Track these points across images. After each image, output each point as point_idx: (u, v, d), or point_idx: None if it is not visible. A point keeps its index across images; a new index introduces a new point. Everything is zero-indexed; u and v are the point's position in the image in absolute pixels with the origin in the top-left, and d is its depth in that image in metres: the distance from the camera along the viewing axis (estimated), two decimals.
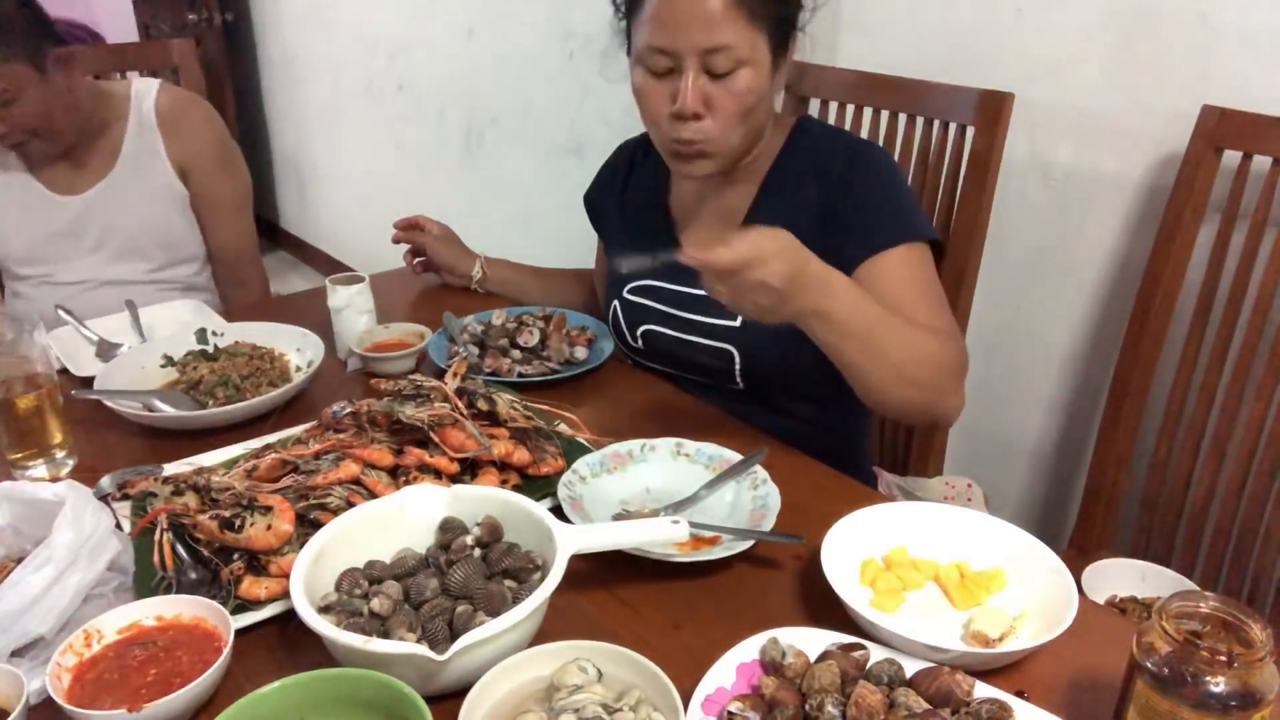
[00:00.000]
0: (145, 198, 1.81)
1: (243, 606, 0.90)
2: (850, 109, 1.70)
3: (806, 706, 0.77)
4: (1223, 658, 0.67)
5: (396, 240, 1.70)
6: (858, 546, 0.97)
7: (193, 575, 0.93)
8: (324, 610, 0.85)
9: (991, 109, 1.47)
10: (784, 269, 0.98)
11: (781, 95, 1.50)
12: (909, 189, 1.31)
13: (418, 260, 1.72)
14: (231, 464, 1.08)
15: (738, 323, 1.30)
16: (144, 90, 1.83)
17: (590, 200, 1.58)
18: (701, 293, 1.28)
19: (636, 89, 1.23)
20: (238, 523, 0.92)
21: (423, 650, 0.77)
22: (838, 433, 1.40)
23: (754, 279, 0.97)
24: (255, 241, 2.01)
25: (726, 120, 1.19)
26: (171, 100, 1.83)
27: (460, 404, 1.09)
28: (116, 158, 1.79)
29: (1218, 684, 0.67)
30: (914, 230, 1.22)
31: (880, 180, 1.25)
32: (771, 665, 0.82)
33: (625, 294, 1.43)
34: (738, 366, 1.32)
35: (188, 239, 1.89)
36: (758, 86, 1.19)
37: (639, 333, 1.41)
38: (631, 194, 1.49)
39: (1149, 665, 0.70)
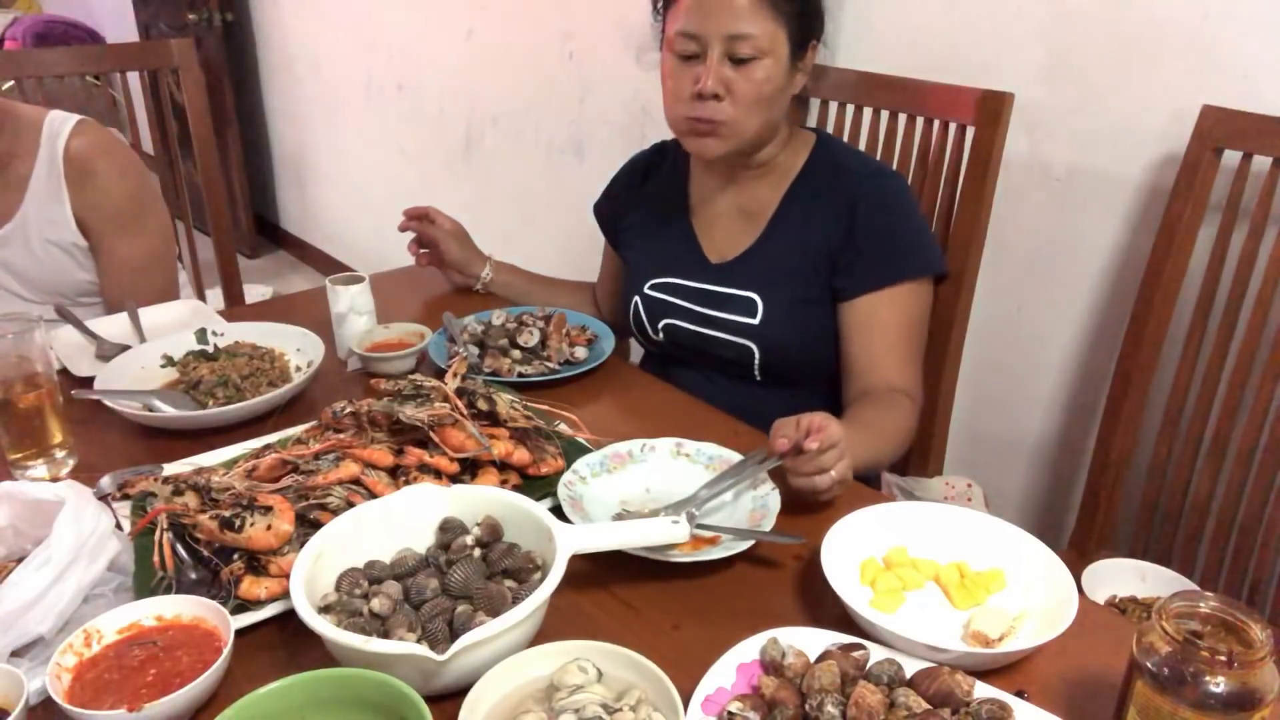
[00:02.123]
0: (48, 245, 1.63)
1: (243, 606, 0.90)
2: (850, 109, 1.70)
3: (806, 706, 0.77)
4: (1223, 658, 0.67)
5: (404, 228, 1.67)
6: (858, 546, 0.97)
7: (193, 575, 0.93)
8: (324, 610, 0.85)
9: (991, 109, 1.47)
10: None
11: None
12: (921, 221, 1.39)
13: (423, 251, 1.69)
14: (231, 464, 1.08)
15: (758, 320, 1.37)
16: (58, 127, 1.61)
17: (601, 210, 1.63)
18: (723, 289, 1.41)
19: (664, 73, 1.33)
20: (238, 523, 0.92)
21: (423, 650, 0.77)
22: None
23: (837, 458, 1.04)
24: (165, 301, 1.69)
25: (743, 105, 1.27)
26: (84, 145, 1.61)
27: (460, 404, 1.09)
28: (24, 196, 1.60)
29: (1218, 684, 0.67)
30: (916, 268, 1.33)
31: (890, 215, 1.34)
32: (771, 665, 0.82)
33: (647, 289, 1.48)
34: (757, 362, 1.39)
35: (90, 286, 1.70)
36: (775, 78, 1.28)
37: (660, 326, 1.47)
38: (651, 196, 1.54)
39: (1149, 665, 0.70)
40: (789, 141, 1.40)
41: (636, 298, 1.49)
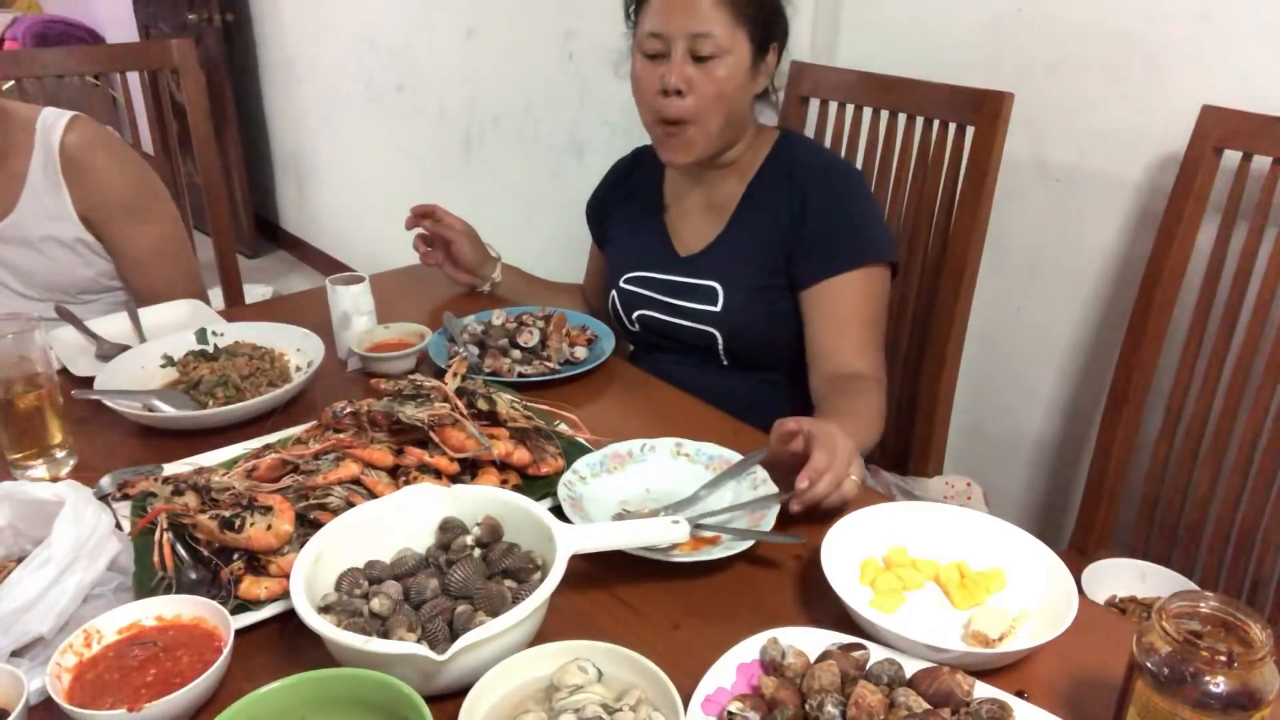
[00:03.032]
0: (50, 242, 1.62)
1: (243, 606, 0.90)
2: (850, 109, 1.70)
3: (806, 706, 0.77)
4: (1223, 658, 0.67)
5: (411, 226, 1.65)
6: (858, 546, 0.97)
7: (193, 575, 0.93)
8: (324, 610, 0.85)
9: (991, 109, 1.47)
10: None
11: (779, 102, 1.53)
12: (874, 211, 1.44)
13: (428, 250, 1.67)
14: (231, 464, 1.08)
15: (719, 308, 1.43)
16: (52, 122, 1.60)
17: (590, 212, 1.69)
18: (690, 280, 1.47)
19: (634, 74, 1.40)
20: (238, 523, 0.92)
21: (423, 650, 0.77)
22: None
23: (846, 463, 1.06)
24: (192, 284, 1.76)
25: (706, 101, 1.34)
26: (79, 141, 1.60)
27: (460, 404, 1.09)
28: (20, 194, 1.59)
29: (1218, 684, 0.67)
30: (866, 255, 1.37)
31: (843, 203, 1.40)
32: (771, 665, 0.82)
33: (622, 283, 1.54)
34: (721, 347, 1.45)
35: (92, 283, 1.70)
36: (736, 77, 1.34)
37: (634, 317, 1.53)
38: (631, 197, 1.61)
39: (1149, 665, 0.70)
40: (753, 141, 1.46)
41: (614, 291, 1.56)
